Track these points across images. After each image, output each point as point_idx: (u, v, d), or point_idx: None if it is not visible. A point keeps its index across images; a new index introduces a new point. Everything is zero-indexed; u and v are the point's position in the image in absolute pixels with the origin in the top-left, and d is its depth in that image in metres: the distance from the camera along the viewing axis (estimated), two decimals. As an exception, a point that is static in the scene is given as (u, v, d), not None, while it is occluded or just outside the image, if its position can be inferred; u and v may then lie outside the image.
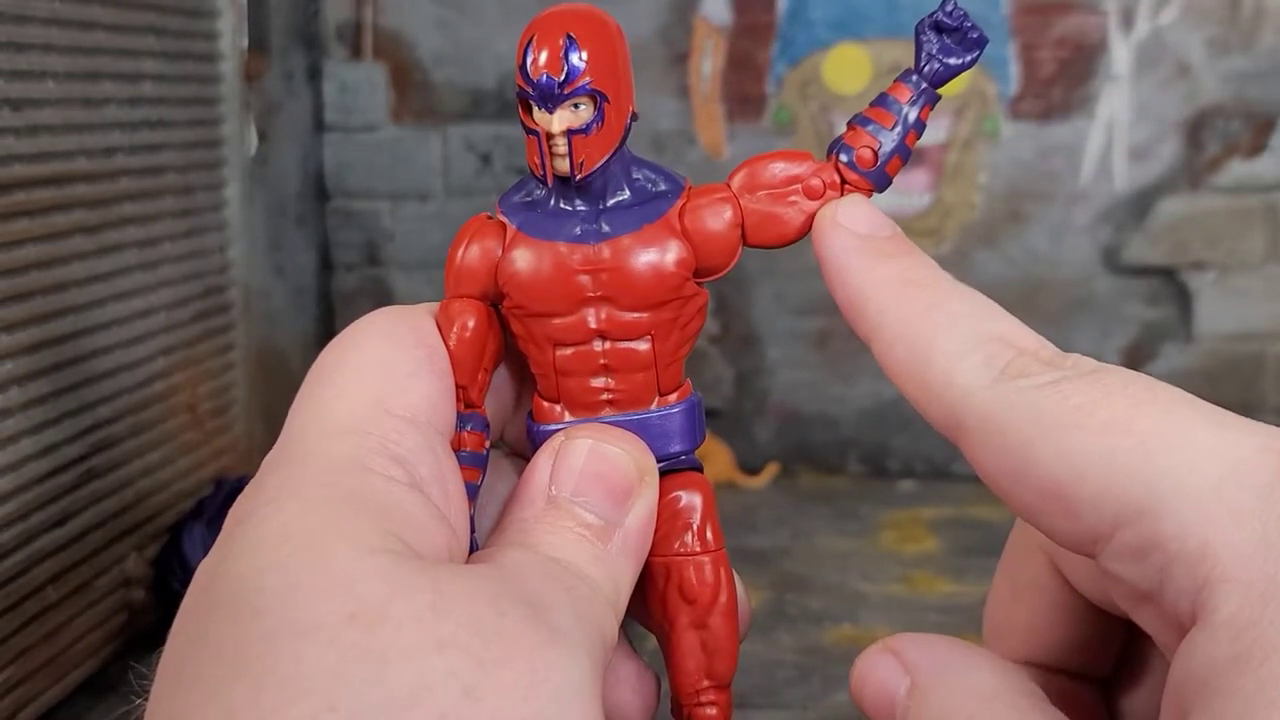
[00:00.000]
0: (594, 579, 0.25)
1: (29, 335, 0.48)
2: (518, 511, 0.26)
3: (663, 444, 0.28)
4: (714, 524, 0.29)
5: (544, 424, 0.28)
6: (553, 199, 0.27)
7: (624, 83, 0.27)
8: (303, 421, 0.25)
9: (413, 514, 0.23)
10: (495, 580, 0.22)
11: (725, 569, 0.29)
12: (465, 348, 0.27)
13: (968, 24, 0.27)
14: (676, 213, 0.28)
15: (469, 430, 0.27)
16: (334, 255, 0.86)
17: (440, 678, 0.20)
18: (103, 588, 0.53)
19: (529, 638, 0.21)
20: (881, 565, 0.67)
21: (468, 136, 0.84)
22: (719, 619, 0.28)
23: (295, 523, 0.22)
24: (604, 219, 0.27)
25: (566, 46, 0.26)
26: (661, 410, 0.28)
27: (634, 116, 0.27)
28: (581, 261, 0.27)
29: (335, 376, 0.25)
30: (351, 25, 0.84)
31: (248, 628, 0.20)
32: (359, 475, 0.23)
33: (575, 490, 0.26)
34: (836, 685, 0.51)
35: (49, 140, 0.50)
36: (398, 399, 0.25)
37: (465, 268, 0.27)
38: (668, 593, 0.28)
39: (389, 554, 0.21)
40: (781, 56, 0.82)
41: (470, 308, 0.27)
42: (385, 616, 0.20)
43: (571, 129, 0.26)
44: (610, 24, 0.27)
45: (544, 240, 0.27)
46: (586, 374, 0.28)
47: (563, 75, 0.26)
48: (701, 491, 0.29)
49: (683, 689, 0.29)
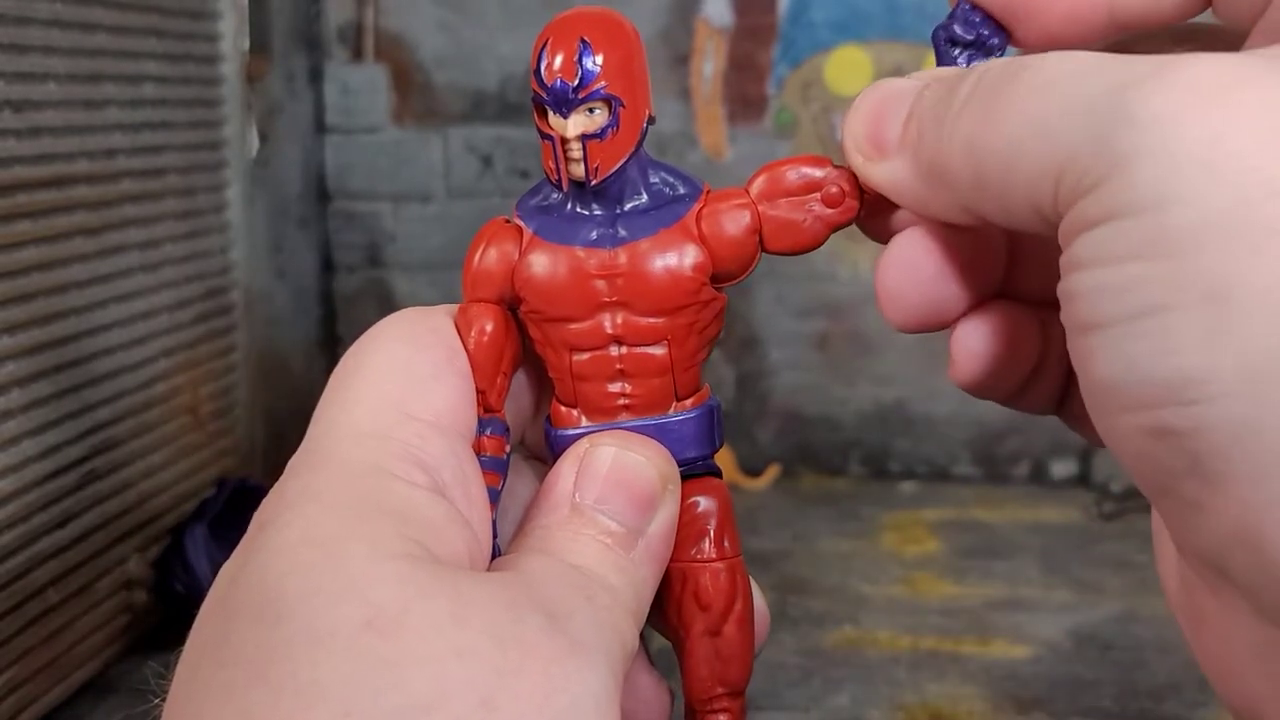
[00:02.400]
0: (616, 587, 0.24)
1: (31, 337, 0.48)
2: (540, 518, 0.26)
3: (680, 449, 0.28)
4: (731, 531, 0.29)
5: (562, 429, 0.28)
6: (569, 203, 0.27)
7: (640, 86, 0.27)
8: (325, 426, 0.25)
9: (433, 519, 0.23)
10: (515, 588, 0.22)
11: (741, 576, 0.29)
12: (484, 351, 0.26)
13: (985, 33, 0.27)
14: (694, 217, 0.27)
15: (489, 434, 0.26)
16: (335, 257, 0.86)
17: (457, 686, 0.20)
18: (104, 589, 0.53)
19: (547, 647, 0.21)
20: (883, 567, 0.67)
21: (469, 138, 0.84)
22: (734, 626, 0.28)
23: (316, 527, 0.22)
24: (620, 224, 0.27)
25: (581, 51, 0.26)
26: (679, 415, 0.28)
27: (651, 120, 0.27)
28: (598, 266, 0.27)
29: (356, 380, 0.25)
30: (353, 27, 0.84)
31: (267, 633, 0.20)
32: (380, 480, 0.23)
33: (599, 498, 0.26)
34: (838, 686, 0.51)
35: (51, 142, 0.50)
36: (419, 402, 0.25)
37: (483, 271, 0.27)
38: (683, 598, 0.28)
39: (408, 559, 0.21)
40: (783, 58, 0.82)
41: (488, 312, 0.27)
42: (403, 624, 0.20)
43: (586, 134, 0.26)
44: (626, 27, 0.27)
45: (560, 245, 0.27)
46: (603, 379, 0.27)
47: (577, 80, 0.25)
48: (719, 498, 0.29)
49: (696, 695, 0.28)
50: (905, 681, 0.52)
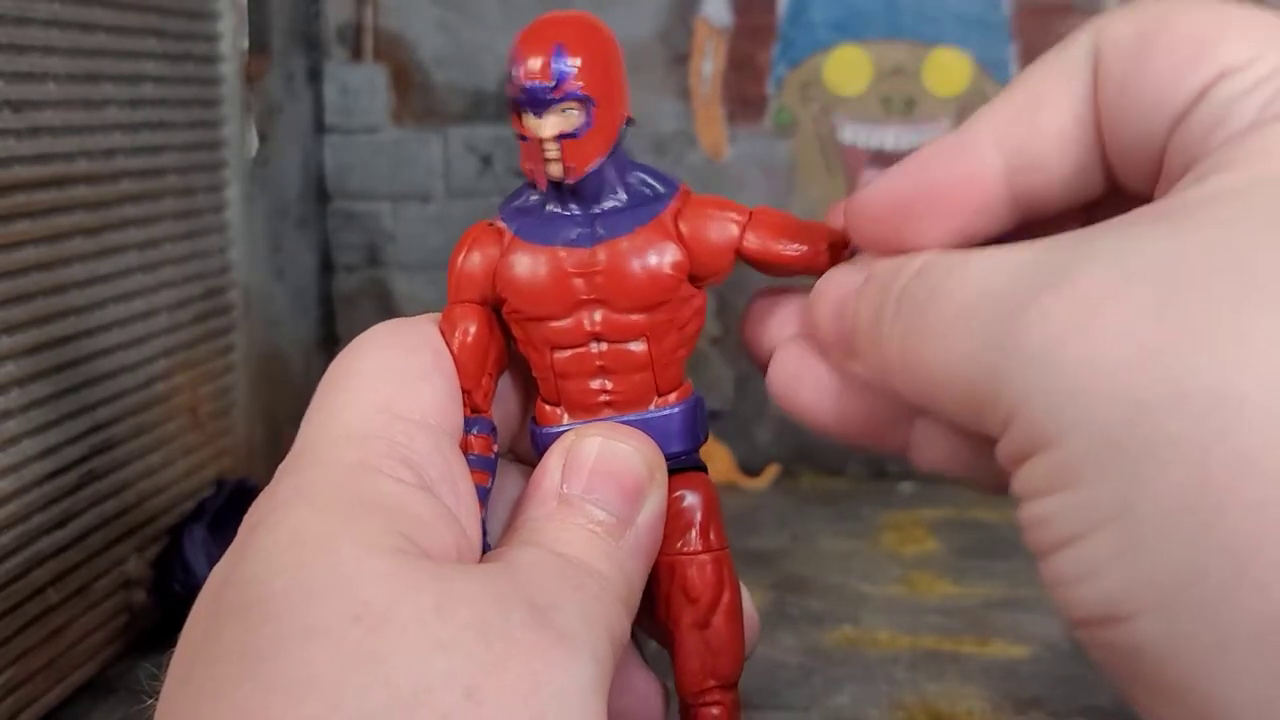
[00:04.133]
0: (605, 575, 0.25)
1: (29, 337, 0.48)
2: (529, 510, 0.26)
3: (664, 444, 0.28)
4: (717, 524, 0.29)
5: (546, 426, 0.28)
6: (548, 203, 0.28)
7: (616, 88, 0.27)
8: (314, 428, 0.25)
9: (421, 515, 0.23)
10: (503, 580, 0.23)
11: (728, 568, 0.29)
12: (468, 352, 0.27)
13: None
14: (671, 215, 0.28)
15: (476, 433, 0.27)
16: (335, 257, 0.86)
17: (442, 679, 0.20)
18: (103, 590, 0.53)
19: (533, 639, 0.21)
20: (882, 566, 0.67)
21: (469, 138, 0.84)
22: (722, 618, 0.29)
23: (305, 526, 0.22)
24: (598, 223, 0.28)
25: (555, 53, 0.26)
26: (661, 411, 0.29)
27: (629, 121, 0.28)
28: (576, 265, 0.27)
29: (345, 383, 0.26)
30: (352, 27, 0.84)
31: (258, 631, 0.21)
32: (368, 478, 0.23)
33: (587, 488, 0.26)
34: (838, 686, 0.51)
35: (50, 142, 0.50)
36: (406, 402, 0.25)
37: (465, 274, 0.28)
38: (671, 592, 0.28)
39: (397, 554, 0.22)
40: (782, 58, 0.82)
41: (472, 313, 0.27)
42: (389, 618, 0.20)
43: (562, 133, 0.26)
44: (601, 30, 0.27)
45: (539, 245, 0.27)
46: (585, 376, 0.28)
47: (552, 81, 0.26)
48: (704, 491, 0.29)
49: (688, 688, 0.29)
50: (904, 681, 0.52)
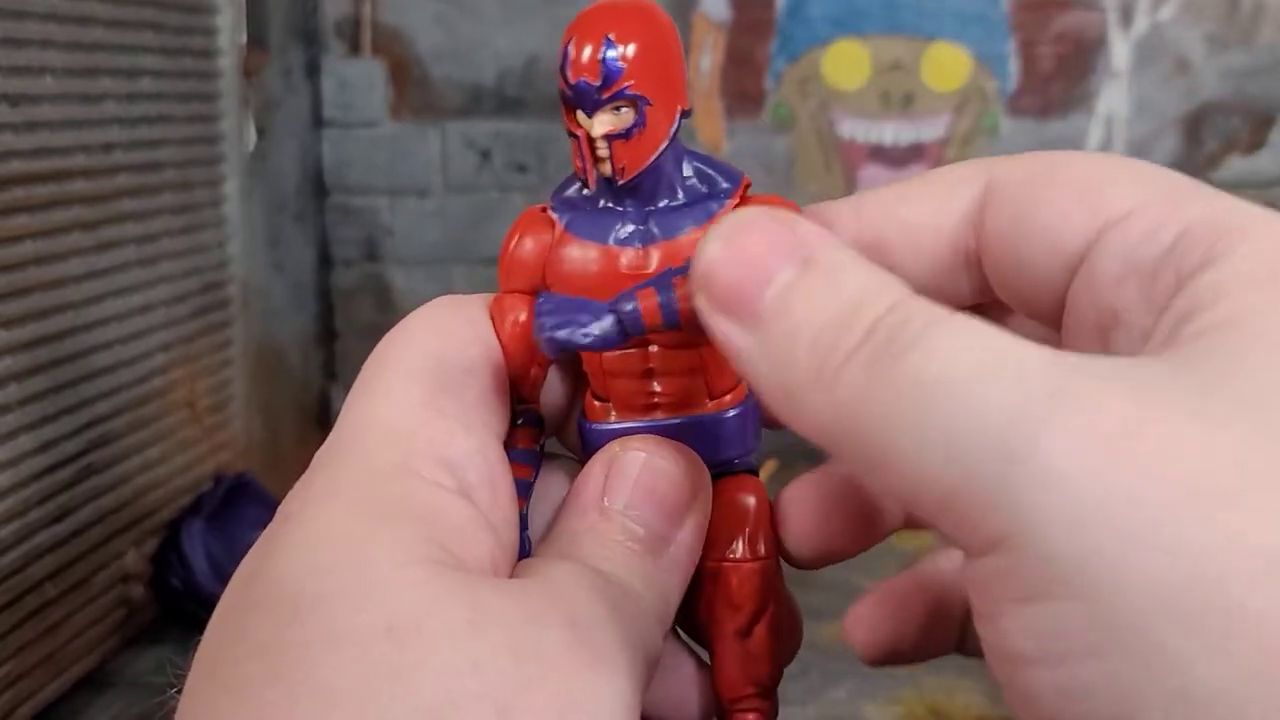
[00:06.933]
0: (642, 594, 0.24)
1: (27, 331, 0.48)
2: (568, 522, 0.26)
3: (714, 448, 0.28)
4: (766, 532, 0.28)
5: (594, 422, 0.28)
6: (601, 198, 0.27)
7: (671, 80, 0.26)
8: (354, 416, 0.24)
9: (457, 522, 0.23)
10: (538, 596, 0.22)
11: (775, 578, 0.28)
12: (517, 342, 0.26)
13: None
14: (727, 215, 0.27)
15: (521, 426, 0.26)
16: (333, 251, 0.86)
17: (472, 696, 0.20)
18: (101, 583, 0.53)
19: (567, 659, 0.21)
20: (881, 560, 0.67)
21: (466, 133, 0.84)
22: (764, 628, 0.28)
23: (337, 526, 0.22)
24: (653, 221, 0.26)
25: (605, 46, 0.25)
26: (714, 414, 0.28)
27: (685, 113, 0.27)
28: (628, 265, 0.26)
29: (387, 373, 0.25)
30: (350, 21, 0.84)
31: (285, 634, 0.20)
32: (404, 480, 0.23)
33: (628, 504, 0.26)
34: (836, 680, 0.51)
35: (47, 136, 0.50)
36: (448, 398, 0.25)
37: (517, 259, 0.27)
38: (715, 599, 0.28)
39: (430, 564, 0.21)
40: (780, 53, 0.82)
41: (522, 302, 0.27)
42: (420, 631, 0.20)
43: (612, 133, 0.25)
44: (657, 18, 0.26)
45: (591, 241, 0.27)
46: (634, 376, 0.27)
47: (600, 79, 0.25)
48: (756, 497, 0.28)
49: (726, 694, 0.28)
50: (903, 676, 0.52)
